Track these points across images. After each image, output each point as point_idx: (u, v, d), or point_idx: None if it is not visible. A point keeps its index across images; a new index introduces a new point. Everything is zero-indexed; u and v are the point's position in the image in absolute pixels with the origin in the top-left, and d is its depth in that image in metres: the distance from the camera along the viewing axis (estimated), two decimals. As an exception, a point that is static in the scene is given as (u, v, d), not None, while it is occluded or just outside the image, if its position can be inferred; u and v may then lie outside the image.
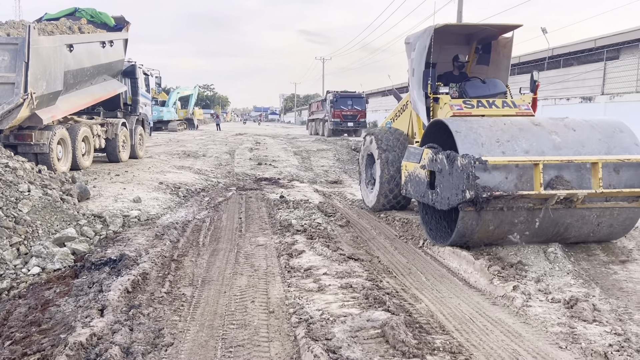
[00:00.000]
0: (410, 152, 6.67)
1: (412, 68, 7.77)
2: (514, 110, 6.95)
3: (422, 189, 6.14)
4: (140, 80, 16.47)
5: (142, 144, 16.39)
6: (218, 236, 6.77)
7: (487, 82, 7.60)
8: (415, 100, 7.74)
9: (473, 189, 4.92)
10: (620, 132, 5.74)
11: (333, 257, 5.55)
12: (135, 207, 8.14)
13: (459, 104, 6.94)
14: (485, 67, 8.39)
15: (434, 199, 5.77)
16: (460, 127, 5.57)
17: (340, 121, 33.23)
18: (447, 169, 5.39)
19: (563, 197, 5.10)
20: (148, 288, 4.58)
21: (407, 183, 6.66)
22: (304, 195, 10.35)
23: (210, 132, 39.61)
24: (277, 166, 16.25)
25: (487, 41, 8.25)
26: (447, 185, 5.41)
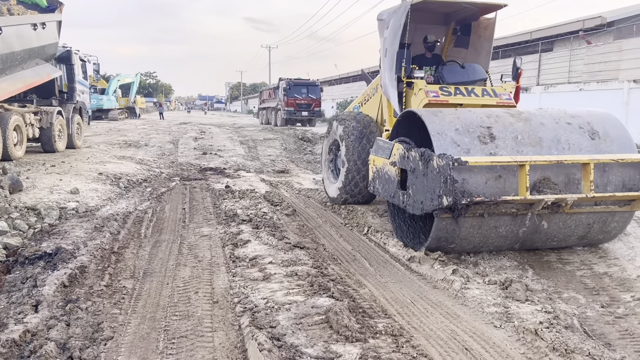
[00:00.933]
0: (379, 146, 5.91)
1: (385, 48, 7.02)
2: (495, 100, 6.35)
3: (391, 189, 5.49)
4: (76, 67, 15.75)
5: (80, 134, 15.72)
6: (161, 227, 6.62)
7: (466, 67, 6.95)
8: (386, 84, 6.99)
9: (451, 195, 4.29)
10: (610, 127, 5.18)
11: (279, 246, 5.55)
12: (72, 199, 7.82)
13: (435, 91, 6.27)
14: (463, 50, 7.74)
15: (406, 202, 5.12)
16: (436, 121, 4.93)
17: (294, 110, 32.02)
18: (422, 169, 4.72)
19: (551, 202, 4.57)
20: (86, 282, 4.43)
21: (375, 180, 5.99)
22: (250, 185, 10.27)
23: (153, 121, 38.50)
24: (222, 156, 16.02)
25: (467, 22, 7.59)
26: (421, 187, 4.76)
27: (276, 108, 34.48)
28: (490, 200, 4.43)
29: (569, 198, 4.56)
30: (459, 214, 4.51)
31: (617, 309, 4.12)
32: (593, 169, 4.65)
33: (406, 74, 6.57)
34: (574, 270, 4.98)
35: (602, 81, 18.69)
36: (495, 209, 4.66)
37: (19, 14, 11.44)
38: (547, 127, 5.06)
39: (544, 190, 4.70)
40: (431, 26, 7.78)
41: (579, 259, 5.31)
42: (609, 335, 3.64)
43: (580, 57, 20.88)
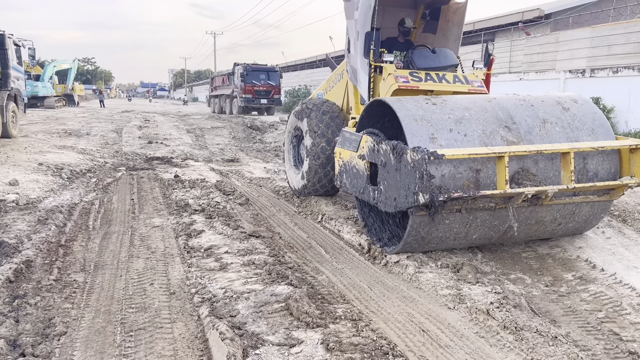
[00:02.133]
0: (346, 138, 5.49)
1: (356, 30, 6.52)
2: (466, 87, 6.03)
3: (360, 184, 5.12)
4: (10, 52, 14.84)
5: (16, 122, 14.89)
6: (109, 219, 6.42)
7: (437, 52, 6.59)
8: (356, 69, 6.62)
9: (428, 192, 3.94)
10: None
11: (234, 235, 5.51)
12: (12, 191, 7.43)
13: (405, 76, 5.87)
14: (431, 35, 7.44)
15: (377, 198, 4.74)
16: (408, 111, 4.59)
17: (252, 97, 29.45)
18: (394, 164, 4.35)
19: (532, 194, 4.32)
20: (34, 276, 4.24)
21: (342, 174, 5.56)
22: (200, 174, 10.09)
23: (93, 109, 37.00)
24: (169, 145, 15.63)
25: (437, 6, 7.29)
26: (393, 183, 4.40)
27: (231, 96, 32.30)
28: (469, 195, 4.14)
29: (549, 190, 4.32)
30: (436, 210, 4.25)
31: (560, 287, 4.37)
32: (573, 159, 4.44)
33: (374, 58, 6.16)
34: (519, 252, 5.23)
35: (540, 71, 19.54)
36: (474, 204, 4.40)
37: None
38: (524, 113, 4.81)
39: (524, 182, 4.39)
40: (400, 9, 7.47)
41: (523, 242, 5.57)
42: (554, 313, 3.86)
43: (520, 48, 21.71)
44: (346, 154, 5.44)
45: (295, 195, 7.77)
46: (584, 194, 4.75)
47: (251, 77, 29.94)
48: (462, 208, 4.41)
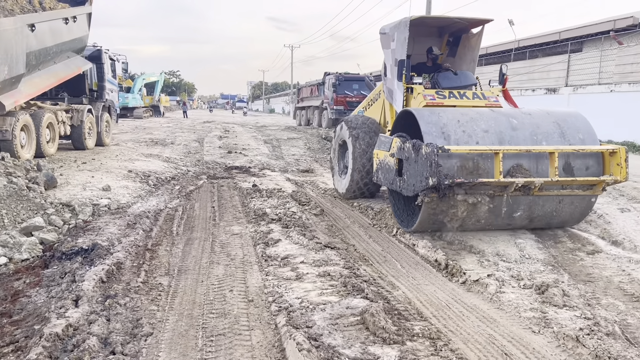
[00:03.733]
0: (381, 141, 6.80)
1: (393, 58, 7.75)
2: (484, 102, 7.10)
3: (391, 176, 6.27)
4: (106, 66, 16.03)
5: (109, 131, 16.01)
6: (192, 225, 6.70)
7: (458, 74, 7.77)
8: (392, 89, 7.81)
9: (436, 176, 5.11)
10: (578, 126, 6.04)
11: (309, 245, 5.56)
12: (104, 196, 7.96)
13: (432, 94, 7.07)
14: (452, 59, 8.55)
15: (401, 186, 5.93)
16: (426, 116, 5.82)
17: (344, 109, 26.10)
18: (413, 157, 5.54)
19: (521, 184, 5.32)
20: (123, 278, 4.50)
21: (378, 170, 6.79)
22: (276, 184, 10.31)
23: (177, 119, 38.96)
24: (247, 154, 16.12)
25: (458, 34, 8.42)
26: (413, 172, 5.57)
27: (320, 107, 30.04)
28: (469, 181, 5.19)
29: (536, 181, 5.32)
30: (444, 193, 5.31)
31: (658, 316, 4.03)
32: (557, 157, 5.46)
33: (406, 81, 7.37)
34: (611, 276, 4.88)
35: (634, 82, 18.27)
36: (475, 189, 5.37)
37: (50, 8, 11.61)
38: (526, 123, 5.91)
39: (517, 175, 5.43)
40: (428, 38, 8.55)
41: (615, 265, 5.21)
42: (653, 344, 3.56)
43: (611, 58, 20.44)
44: (381, 154, 6.64)
45: (342, 197, 8.81)
46: (570, 188, 5.71)
47: (343, 87, 27.14)
48: (466, 193, 5.36)
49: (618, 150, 5.67)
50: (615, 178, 5.63)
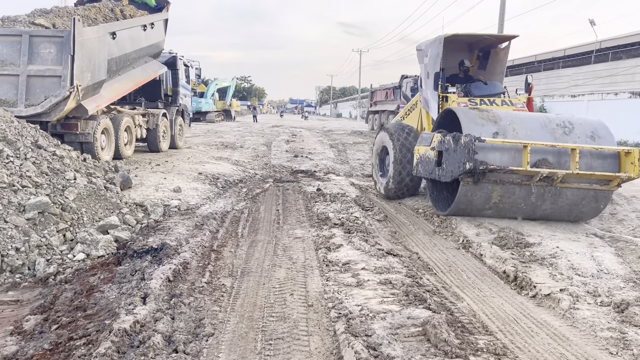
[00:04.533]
0: (423, 138, 7.69)
1: (427, 72, 8.80)
2: (511, 108, 8.04)
3: (430, 167, 7.12)
4: (180, 72, 16.71)
5: (182, 135, 16.66)
6: (256, 228, 6.81)
7: (488, 84, 8.84)
8: (428, 99, 8.83)
9: (472, 162, 5.99)
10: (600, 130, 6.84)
11: (371, 252, 5.49)
12: (175, 197, 8.27)
13: (465, 102, 7.99)
14: (483, 71, 9.53)
15: (440, 174, 6.80)
16: (465, 112, 6.91)
17: None
18: (453, 147, 6.43)
19: (545, 174, 6.16)
20: (189, 277, 4.63)
21: (418, 164, 7.62)
22: (340, 188, 10.30)
23: (247, 123, 39.98)
24: (313, 159, 16.25)
25: (487, 49, 9.41)
26: (451, 160, 6.44)
27: (396, 111, 27.25)
28: (501, 168, 6.07)
29: (559, 172, 6.15)
30: (478, 178, 6.17)
31: None
32: (578, 153, 6.25)
33: (442, 91, 8.34)
34: (703, 297, 4.45)
35: None
36: (505, 177, 6.26)
37: (131, 15, 12.25)
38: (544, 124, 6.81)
39: (542, 167, 6.27)
40: (460, 52, 9.46)
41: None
42: None
43: None
44: (422, 149, 7.52)
45: (382, 196, 9.55)
46: (589, 182, 6.44)
47: None
48: (497, 180, 6.25)
49: (633, 151, 6.37)
50: (629, 175, 6.31)
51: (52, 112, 9.13)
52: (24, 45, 8.96)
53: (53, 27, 9.61)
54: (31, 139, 7.54)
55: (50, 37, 9.14)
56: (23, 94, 8.99)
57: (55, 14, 10.39)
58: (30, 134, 7.66)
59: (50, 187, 6.86)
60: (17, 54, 9.01)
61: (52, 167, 7.29)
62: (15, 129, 7.42)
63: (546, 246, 5.80)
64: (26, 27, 9.37)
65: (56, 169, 7.31)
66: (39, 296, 4.87)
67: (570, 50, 27.16)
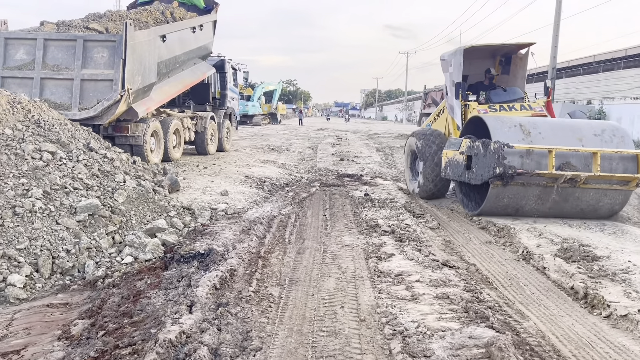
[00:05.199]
0: (451, 142, 8.21)
1: (452, 80, 9.18)
2: (530, 112, 8.46)
3: (459, 171, 7.60)
4: (228, 75, 16.83)
5: (229, 138, 16.75)
6: (304, 233, 6.62)
7: (507, 90, 9.27)
8: (452, 106, 9.20)
9: (501, 166, 6.51)
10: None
11: (425, 262, 5.19)
12: (222, 200, 8.21)
13: (485, 109, 8.46)
14: (506, 76, 9.88)
15: (470, 177, 7.31)
16: (493, 120, 7.40)
17: None
18: (482, 153, 6.91)
19: (569, 177, 6.67)
20: (236, 285, 4.48)
21: (447, 167, 8.09)
22: (388, 193, 10.01)
23: (293, 126, 40.13)
24: (359, 162, 16.00)
25: (509, 55, 9.78)
26: (481, 165, 6.92)
27: None
28: (528, 172, 6.56)
29: (582, 175, 6.68)
30: (507, 181, 6.67)
31: None
32: (600, 157, 6.75)
33: (463, 99, 8.77)
34: None
35: None
36: (531, 179, 6.74)
37: (180, 18, 12.35)
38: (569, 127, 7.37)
39: (566, 170, 6.74)
40: (483, 60, 9.93)
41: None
42: None
43: None
44: (450, 153, 8.00)
45: (412, 196, 10.03)
46: (610, 183, 6.90)
47: None
48: (524, 182, 6.72)
49: None
50: None
51: (104, 115, 9.27)
52: (78, 49, 9.14)
53: (106, 32, 9.77)
54: (83, 141, 7.64)
55: (103, 42, 9.29)
56: (77, 98, 9.17)
57: (108, 18, 10.58)
58: (83, 137, 7.77)
59: (100, 190, 6.91)
60: (71, 58, 9.21)
61: (103, 170, 7.35)
62: (68, 131, 7.54)
63: (616, 260, 5.34)
64: (80, 31, 9.57)
65: (106, 172, 7.37)
66: (87, 300, 4.84)
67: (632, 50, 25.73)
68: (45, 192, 6.24)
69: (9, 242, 5.47)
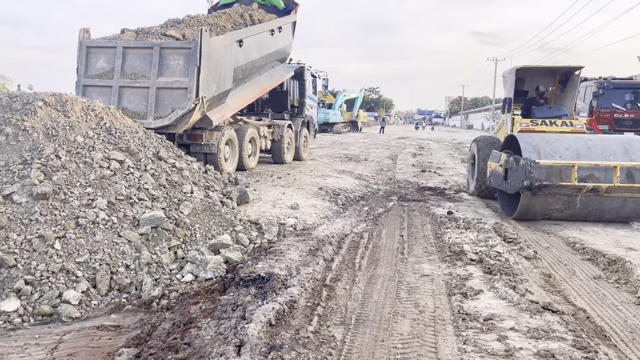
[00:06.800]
0: (494, 155, 9.19)
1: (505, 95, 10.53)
2: (570, 129, 9.39)
3: (499, 180, 8.57)
4: (308, 83, 16.48)
5: (306, 146, 16.37)
6: (376, 258, 5.92)
7: (552, 107, 10.26)
8: (507, 118, 10.36)
9: (528, 179, 7.42)
10: None
11: (521, 304, 4.32)
12: (292, 215, 7.71)
13: (527, 122, 9.57)
14: (562, 94, 10.73)
15: (506, 187, 8.27)
16: (524, 138, 8.23)
17: (609, 129, 16.94)
18: (514, 167, 7.85)
19: (591, 187, 7.47)
20: (294, 322, 3.89)
21: (491, 177, 9.22)
22: (475, 211, 9.05)
23: (373, 135, 39.41)
24: (442, 174, 15.01)
25: (567, 75, 10.55)
26: (514, 177, 7.86)
27: None
28: (553, 184, 7.41)
29: (602, 185, 7.48)
30: (535, 192, 7.53)
31: None
32: (620, 170, 7.52)
33: (509, 112, 10.15)
34: None
35: None
36: (557, 190, 7.54)
37: (259, 20, 12.04)
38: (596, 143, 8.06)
39: (588, 181, 7.48)
40: (542, 78, 10.91)
41: None
42: None
43: None
44: (493, 165, 9.01)
45: (471, 195, 11.10)
46: (631, 192, 7.71)
47: (611, 97, 17.67)
48: (550, 192, 7.59)
49: None
50: None
51: (178, 124, 9.13)
52: (155, 57, 9.08)
53: (183, 38, 9.66)
54: (153, 150, 7.45)
55: (179, 49, 9.16)
56: (152, 106, 9.10)
57: (186, 24, 10.49)
58: (153, 145, 7.58)
59: (166, 201, 6.63)
60: (148, 66, 9.16)
61: (170, 180, 7.10)
62: (138, 139, 7.38)
63: None
64: (158, 39, 9.52)
65: (174, 182, 7.10)
66: (138, 324, 4.47)
67: None
68: (109, 202, 6.03)
69: (69, 255, 5.27)
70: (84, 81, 9.37)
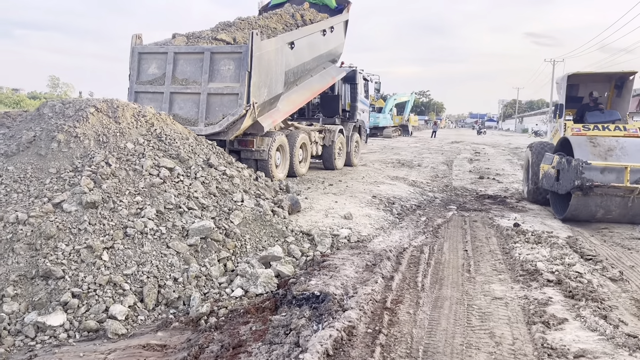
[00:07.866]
0: (546, 157, 9.37)
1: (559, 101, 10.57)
2: (622, 133, 9.19)
3: (551, 182, 8.69)
4: (359, 86, 16.04)
5: (358, 152, 15.93)
6: (440, 276, 5.41)
7: (605, 112, 10.25)
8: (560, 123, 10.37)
9: (580, 180, 7.56)
10: None
11: (616, 337, 3.73)
12: (345, 225, 7.30)
13: (578, 127, 9.51)
14: (618, 99, 10.61)
15: (558, 187, 8.38)
16: (577, 141, 8.38)
17: None
18: (566, 168, 7.96)
19: None
20: (353, 353, 3.47)
21: (543, 179, 9.27)
22: (542, 222, 8.35)
23: (424, 139, 38.47)
24: (502, 181, 14.21)
25: (623, 80, 10.41)
26: (566, 177, 7.96)
27: None
28: (604, 185, 7.60)
29: None
30: (586, 192, 7.72)
31: None
32: None
33: (561, 118, 10.19)
34: None
35: None
36: (608, 191, 7.70)
37: (311, 20, 11.68)
38: None
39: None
40: (597, 83, 10.76)
41: None
42: None
43: None
44: (546, 167, 9.21)
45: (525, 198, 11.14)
46: None
47: None
48: (602, 193, 7.78)
49: None
50: None
51: (229, 130, 8.92)
52: (206, 62, 8.90)
53: (234, 42, 9.45)
54: (203, 156, 7.23)
55: (229, 54, 8.94)
56: (203, 113, 8.93)
57: (237, 27, 10.28)
58: (203, 152, 7.36)
59: (216, 210, 6.38)
60: (199, 71, 9.00)
61: (221, 188, 6.84)
62: (189, 146, 7.18)
63: None
64: (208, 43, 9.35)
65: (224, 190, 6.85)
66: (185, 344, 4.18)
67: None
68: (158, 211, 5.82)
69: (117, 267, 5.06)
70: (136, 87, 9.31)
